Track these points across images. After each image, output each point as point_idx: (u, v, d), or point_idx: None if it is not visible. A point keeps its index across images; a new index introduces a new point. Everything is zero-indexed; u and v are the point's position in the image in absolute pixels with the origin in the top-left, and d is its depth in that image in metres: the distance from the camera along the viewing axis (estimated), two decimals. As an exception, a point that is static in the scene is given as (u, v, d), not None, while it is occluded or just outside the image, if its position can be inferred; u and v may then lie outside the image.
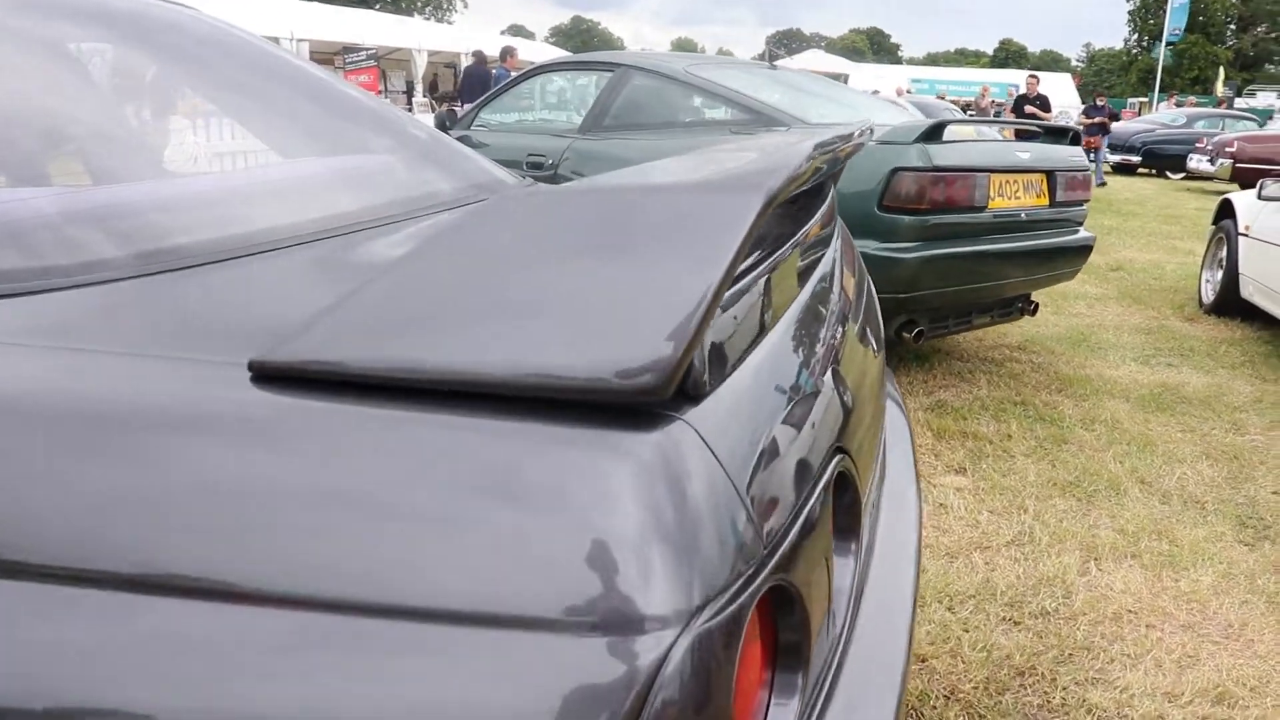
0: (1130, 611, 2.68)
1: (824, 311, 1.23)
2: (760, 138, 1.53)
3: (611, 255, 0.76)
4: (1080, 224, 4.90)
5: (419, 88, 24.93)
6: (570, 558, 0.66)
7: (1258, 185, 6.07)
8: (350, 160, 1.81)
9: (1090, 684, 2.33)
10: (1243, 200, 6.48)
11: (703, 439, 0.75)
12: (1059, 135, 5.02)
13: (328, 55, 21.01)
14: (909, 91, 28.79)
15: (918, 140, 4.04)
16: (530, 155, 5.13)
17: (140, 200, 1.28)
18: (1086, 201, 4.89)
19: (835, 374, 1.14)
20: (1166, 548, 3.08)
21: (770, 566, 0.77)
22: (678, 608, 0.66)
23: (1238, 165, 15.30)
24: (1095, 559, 2.98)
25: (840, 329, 1.27)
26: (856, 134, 1.42)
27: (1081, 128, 5.22)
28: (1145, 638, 2.54)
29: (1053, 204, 4.61)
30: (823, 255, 1.40)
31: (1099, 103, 17.06)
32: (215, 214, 1.26)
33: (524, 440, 0.71)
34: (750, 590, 0.73)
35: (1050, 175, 4.58)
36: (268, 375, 0.76)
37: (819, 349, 1.11)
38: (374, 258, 1.19)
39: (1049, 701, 2.27)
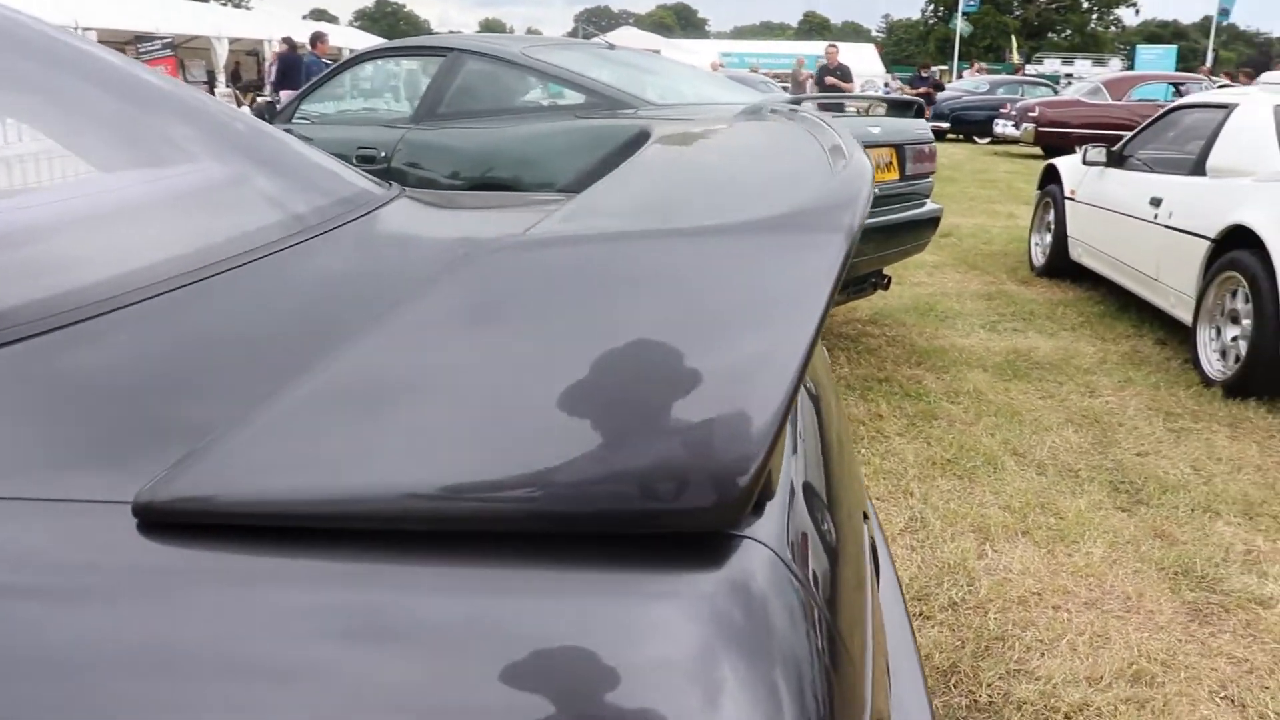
0: (1034, 594, 2.64)
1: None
2: (766, 130, 1.31)
3: (641, 327, 0.56)
4: (928, 196, 4.92)
5: (221, 77, 23.68)
6: None
7: (1081, 151, 6.25)
8: (187, 174, 1.50)
9: (1013, 677, 2.27)
10: (1067, 165, 6.69)
11: (781, 559, 0.56)
12: (903, 108, 5.02)
13: (119, 45, 19.65)
14: (722, 66, 29.08)
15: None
16: (360, 148, 4.79)
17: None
18: (933, 174, 4.91)
19: (824, 407, 0.97)
20: (1053, 521, 3.07)
21: (870, 705, 0.59)
22: None
23: (1040, 130, 16.02)
24: (989, 540, 2.94)
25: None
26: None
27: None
28: (1054, 620, 2.50)
29: (903, 178, 4.60)
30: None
31: (923, 73, 17.48)
32: (36, 257, 0.98)
33: (527, 596, 0.51)
34: None
35: (900, 149, 4.57)
36: (163, 521, 0.53)
37: (810, 387, 0.94)
38: (271, 318, 0.93)
39: (976, 701, 2.18)
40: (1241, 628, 2.52)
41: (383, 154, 4.75)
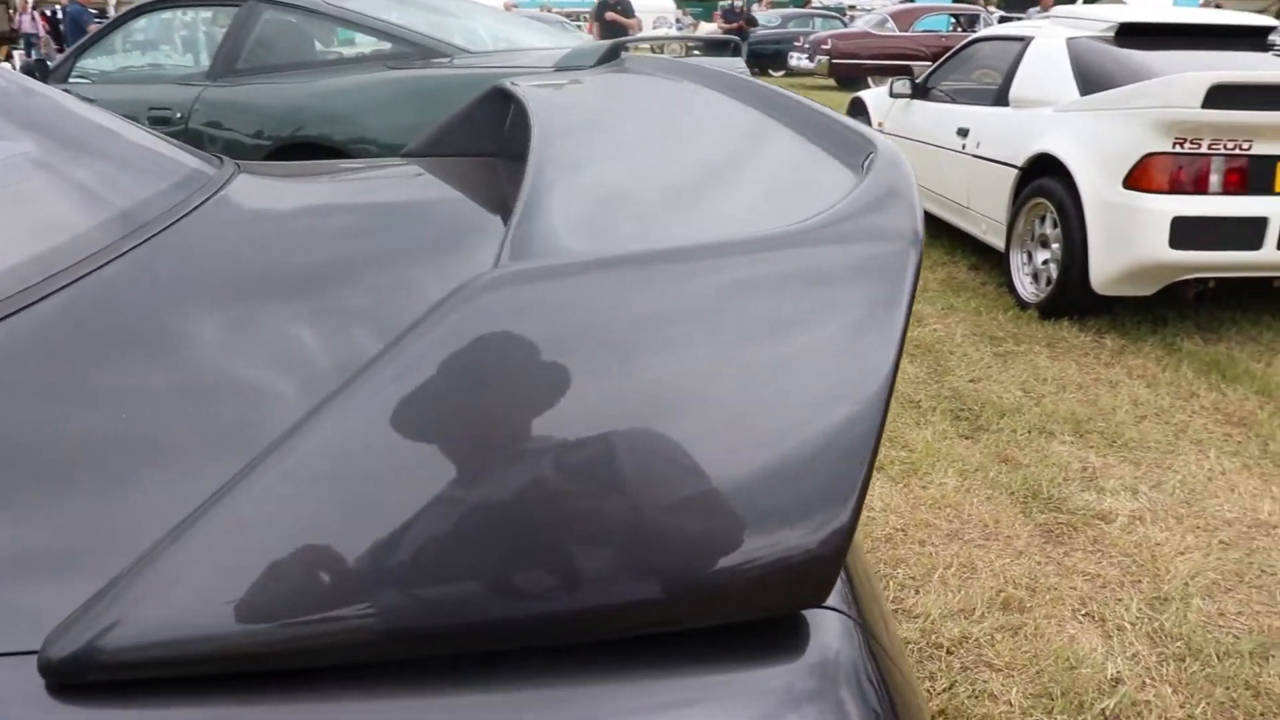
0: (899, 530, 2.69)
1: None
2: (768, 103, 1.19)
3: (695, 386, 0.47)
4: (751, 136, 4.92)
5: (-33, 30, 21.57)
6: None
7: (888, 83, 6.40)
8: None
9: (894, 618, 2.31)
10: (874, 97, 6.84)
11: (857, 623, 0.49)
12: (720, 48, 5.00)
13: None
14: (516, 6, 28.44)
15: (600, 64, 3.82)
16: (153, 109, 4.43)
17: None
18: (754, 113, 4.91)
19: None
20: (905, 455, 3.15)
21: None
22: None
23: (834, 62, 16.42)
24: (848, 479, 2.98)
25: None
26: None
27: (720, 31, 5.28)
28: (922, 556, 2.56)
29: (728, 119, 4.58)
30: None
31: (735, 6, 17.46)
32: None
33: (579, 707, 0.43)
34: None
35: (723, 91, 4.53)
36: (73, 680, 0.42)
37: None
38: (134, 358, 0.75)
39: (863, 646, 2.21)
40: (1090, 544, 2.64)
41: (178, 114, 4.42)
